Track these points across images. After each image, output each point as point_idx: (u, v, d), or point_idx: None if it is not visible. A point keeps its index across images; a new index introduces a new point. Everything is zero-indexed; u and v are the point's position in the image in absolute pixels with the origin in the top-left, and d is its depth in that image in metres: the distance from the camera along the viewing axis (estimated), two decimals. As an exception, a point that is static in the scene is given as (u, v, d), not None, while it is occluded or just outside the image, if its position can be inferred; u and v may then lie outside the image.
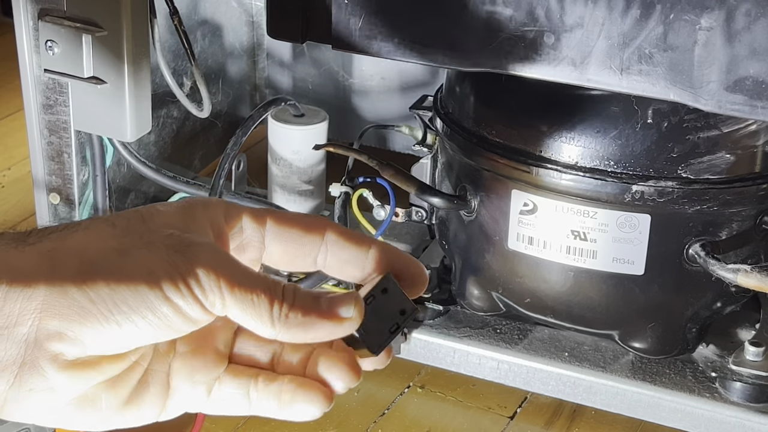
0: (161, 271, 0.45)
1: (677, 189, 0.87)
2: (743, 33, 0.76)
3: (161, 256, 0.46)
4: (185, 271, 0.45)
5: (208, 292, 0.46)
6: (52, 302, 0.45)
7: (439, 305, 1.03)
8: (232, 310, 0.47)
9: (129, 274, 0.45)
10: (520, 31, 0.82)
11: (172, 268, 0.45)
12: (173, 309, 0.45)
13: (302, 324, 0.47)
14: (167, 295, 0.45)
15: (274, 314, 0.47)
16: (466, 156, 0.95)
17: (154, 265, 0.46)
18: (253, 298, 0.47)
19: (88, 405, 0.47)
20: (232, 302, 0.46)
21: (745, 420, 0.92)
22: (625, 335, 0.97)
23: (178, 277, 0.45)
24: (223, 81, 1.30)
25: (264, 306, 0.47)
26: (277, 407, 0.50)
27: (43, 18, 0.97)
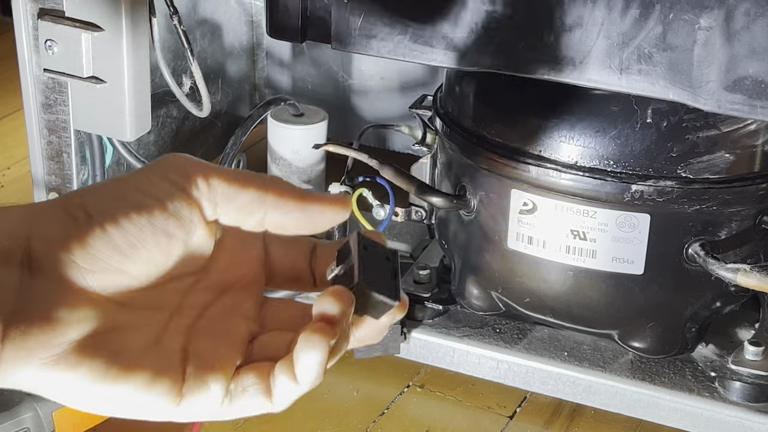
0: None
1: (677, 188, 0.87)
2: (742, 33, 0.76)
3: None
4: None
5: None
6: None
7: (438, 305, 1.03)
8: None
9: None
10: (520, 30, 0.82)
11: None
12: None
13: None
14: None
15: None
16: (466, 155, 0.95)
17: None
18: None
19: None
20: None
21: (745, 420, 0.92)
22: (624, 335, 0.97)
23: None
24: (223, 80, 1.30)
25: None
26: (291, 379, 0.48)
27: (42, 17, 0.97)
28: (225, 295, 0.51)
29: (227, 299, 0.51)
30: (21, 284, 0.46)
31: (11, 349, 0.45)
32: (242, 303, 0.51)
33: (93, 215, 0.47)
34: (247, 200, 0.49)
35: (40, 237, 0.47)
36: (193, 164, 0.49)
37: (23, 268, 0.46)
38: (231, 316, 0.50)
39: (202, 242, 0.50)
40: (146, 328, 0.48)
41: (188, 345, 0.49)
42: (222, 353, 0.49)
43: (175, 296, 0.50)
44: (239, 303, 0.51)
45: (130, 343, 0.47)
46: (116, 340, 0.47)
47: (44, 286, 0.46)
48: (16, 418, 0.90)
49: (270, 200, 0.49)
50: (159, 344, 0.48)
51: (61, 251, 0.46)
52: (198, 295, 0.50)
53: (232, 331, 0.50)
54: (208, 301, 0.50)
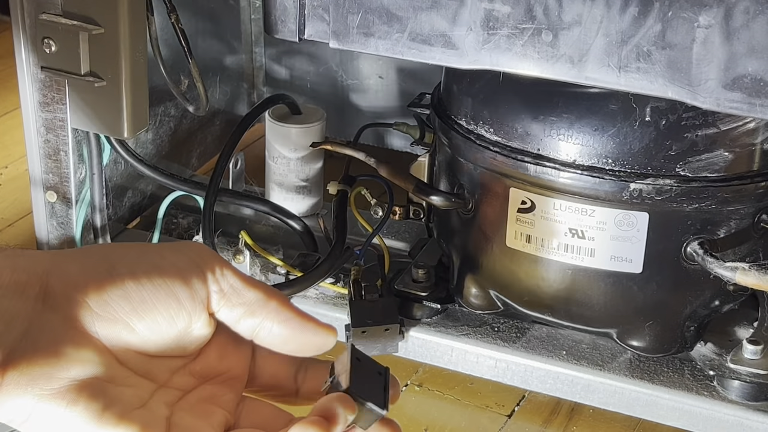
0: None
1: (675, 187, 0.87)
2: (742, 31, 0.75)
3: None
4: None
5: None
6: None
7: (436, 304, 1.03)
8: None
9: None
10: (518, 28, 0.82)
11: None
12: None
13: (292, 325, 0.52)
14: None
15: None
16: (464, 154, 0.95)
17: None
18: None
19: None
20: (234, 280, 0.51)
21: (743, 418, 0.92)
22: (623, 333, 0.97)
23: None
24: (221, 79, 1.30)
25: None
26: None
27: (40, 15, 0.97)
28: (207, 383, 0.52)
29: (208, 388, 0.52)
30: (33, 315, 0.47)
31: (14, 375, 0.46)
32: (222, 395, 0.52)
33: (114, 265, 0.49)
34: (253, 299, 0.51)
35: (58, 275, 0.48)
36: (212, 253, 0.52)
37: (37, 302, 0.47)
38: (209, 403, 0.51)
39: (201, 328, 0.52)
40: (137, 390, 0.50)
41: (172, 417, 0.50)
42: (203, 429, 0.50)
43: (165, 373, 0.51)
44: (219, 394, 0.52)
45: (123, 397, 0.48)
46: (112, 390, 0.48)
47: (55, 320, 0.47)
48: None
49: (272, 306, 0.51)
50: (147, 408, 0.49)
51: (77, 291, 0.48)
52: (184, 378, 0.52)
53: (211, 416, 0.51)
54: (192, 385, 0.52)
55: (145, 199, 1.19)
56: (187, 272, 0.50)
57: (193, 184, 1.10)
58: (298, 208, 1.16)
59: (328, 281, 1.04)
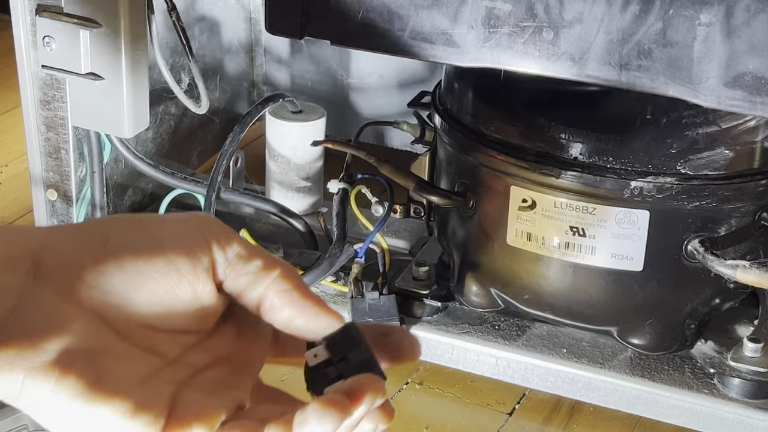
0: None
1: (676, 185, 0.87)
2: (742, 29, 0.75)
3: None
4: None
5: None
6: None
7: (437, 302, 1.03)
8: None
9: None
10: (519, 26, 0.82)
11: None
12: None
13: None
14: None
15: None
16: (465, 152, 0.95)
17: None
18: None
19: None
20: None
21: (744, 416, 0.92)
22: (623, 331, 0.97)
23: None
24: (221, 77, 1.30)
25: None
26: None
27: (40, 14, 0.97)
28: (224, 363, 0.51)
29: (225, 368, 0.51)
30: (23, 290, 0.46)
31: (1, 350, 0.45)
32: (238, 376, 0.51)
33: (109, 237, 0.48)
34: (256, 268, 0.50)
35: (51, 249, 0.47)
36: (218, 223, 0.51)
37: (29, 276, 0.46)
38: (224, 383, 0.50)
39: (209, 299, 0.50)
40: (139, 365, 0.48)
41: (177, 394, 0.48)
42: (209, 406, 0.48)
43: (176, 348, 0.49)
44: (235, 375, 0.51)
45: (119, 371, 0.47)
46: (107, 364, 0.46)
47: (46, 294, 0.46)
48: (15, 414, 0.90)
49: (275, 276, 0.50)
50: (148, 384, 0.48)
51: (69, 265, 0.47)
52: (197, 356, 0.50)
53: (223, 394, 0.49)
54: (206, 363, 0.50)
55: (145, 198, 1.19)
56: (189, 242, 0.49)
57: (194, 182, 1.10)
58: (299, 207, 1.16)
59: (329, 279, 1.05)
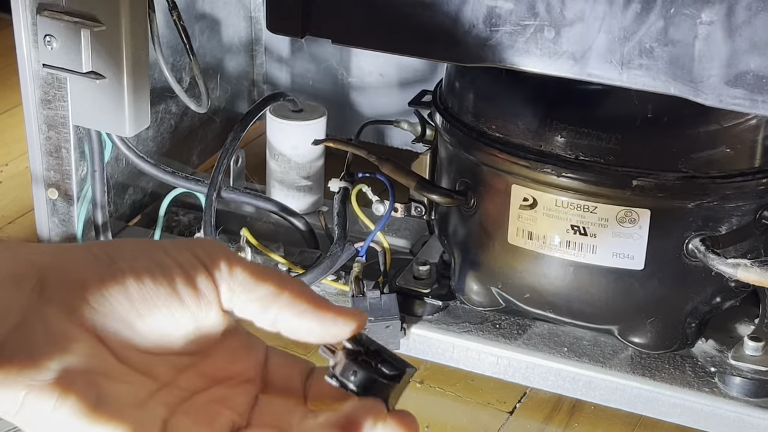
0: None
1: (677, 183, 0.87)
2: (744, 27, 0.75)
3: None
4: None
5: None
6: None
7: (438, 300, 1.03)
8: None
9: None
10: (521, 25, 0.82)
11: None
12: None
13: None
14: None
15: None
16: (466, 151, 0.95)
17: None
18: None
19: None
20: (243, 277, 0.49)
21: (745, 415, 0.92)
22: (624, 330, 0.97)
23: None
24: (222, 76, 1.30)
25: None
26: None
27: (41, 12, 0.97)
28: (218, 386, 0.51)
29: (219, 390, 0.51)
30: (27, 307, 0.46)
31: (3, 366, 0.45)
32: (233, 397, 0.51)
33: (116, 261, 0.48)
34: (264, 294, 0.49)
35: (57, 269, 0.47)
36: (221, 249, 0.50)
37: (33, 294, 0.46)
38: (219, 405, 0.50)
39: (210, 327, 0.50)
40: (135, 388, 0.48)
41: (169, 419, 0.48)
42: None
43: (170, 372, 0.49)
44: (230, 396, 0.51)
45: (116, 394, 0.47)
46: (106, 386, 0.47)
47: (50, 312, 0.46)
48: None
49: (285, 299, 0.50)
50: (143, 408, 0.48)
51: (74, 285, 0.47)
52: (191, 379, 0.50)
53: (216, 419, 0.49)
54: (200, 387, 0.50)
55: (146, 197, 1.19)
56: (193, 270, 0.49)
57: (194, 181, 1.10)
58: (299, 206, 1.16)
59: (330, 278, 1.05)
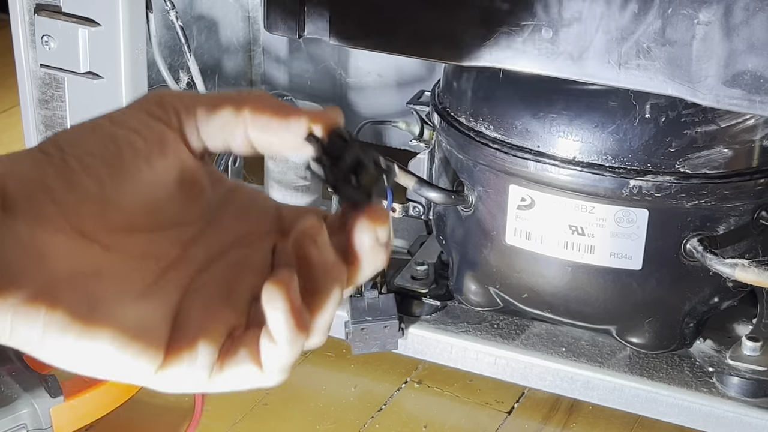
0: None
1: (675, 184, 0.87)
2: (741, 27, 0.75)
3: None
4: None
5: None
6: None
7: (436, 301, 1.03)
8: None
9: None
10: (518, 25, 0.82)
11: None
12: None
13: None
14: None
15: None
16: (464, 151, 0.95)
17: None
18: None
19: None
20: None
21: (743, 415, 0.92)
22: (622, 330, 0.97)
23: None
24: (219, 76, 1.30)
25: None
26: (269, 339, 0.45)
27: (39, 13, 0.97)
28: (233, 248, 0.47)
29: (235, 252, 0.47)
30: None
31: None
32: (251, 255, 0.47)
33: (66, 149, 0.44)
34: (225, 119, 0.47)
35: (13, 176, 0.43)
36: (171, 95, 0.47)
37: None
38: (238, 269, 0.46)
39: (193, 179, 0.47)
40: (134, 277, 0.44)
41: (182, 303, 0.45)
42: (217, 314, 0.45)
43: (175, 247, 0.46)
44: (248, 256, 0.47)
45: (113, 291, 0.43)
46: (98, 286, 0.43)
47: (18, 224, 0.42)
48: (14, 414, 0.90)
49: (248, 116, 0.47)
50: (147, 297, 0.44)
51: (35, 188, 0.43)
52: (201, 249, 0.47)
53: (236, 287, 0.46)
54: (215, 253, 0.47)
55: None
56: (148, 127, 0.45)
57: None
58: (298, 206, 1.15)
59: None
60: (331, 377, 1.05)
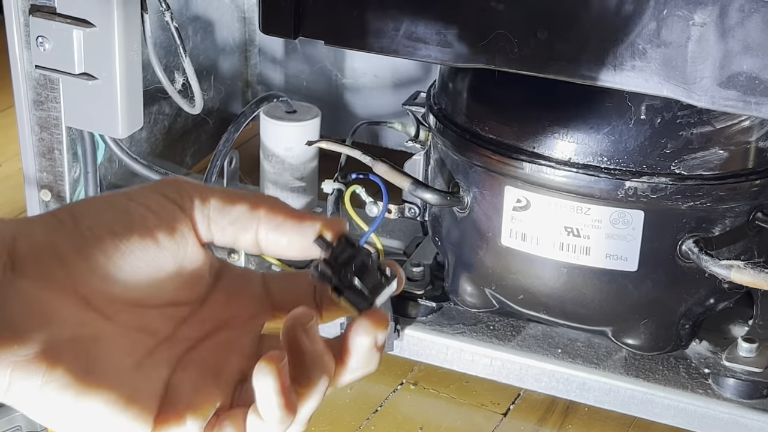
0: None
1: (670, 185, 0.87)
2: (736, 29, 0.75)
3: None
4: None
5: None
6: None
7: (431, 302, 1.03)
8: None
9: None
10: (514, 26, 0.82)
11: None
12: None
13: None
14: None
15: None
16: (459, 152, 0.95)
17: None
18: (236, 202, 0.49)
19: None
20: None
21: (738, 416, 0.92)
22: (618, 331, 0.97)
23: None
24: (215, 77, 1.30)
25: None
26: (256, 417, 0.46)
27: (34, 14, 0.97)
28: (222, 330, 0.49)
29: (223, 334, 0.49)
30: (2, 284, 0.44)
31: None
32: (239, 339, 0.49)
33: (79, 218, 0.46)
34: (239, 214, 0.48)
35: (24, 238, 0.45)
36: (188, 183, 0.49)
37: (6, 270, 0.45)
38: (225, 351, 0.49)
39: (196, 265, 0.48)
40: (130, 348, 0.46)
41: (172, 377, 0.47)
42: (205, 391, 0.47)
43: (169, 324, 0.48)
44: (236, 339, 0.49)
45: (109, 358, 0.45)
46: (97, 351, 0.45)
47: (25, 285, 0.44)
48: (9, 416, 0.90)
49: (262, 215, 0.48)
50: (140, 368, 0.46)
51: (45, 252, 0.45)
52: (193, 327, 0.49)
53: (223, 368, 0.48)
54: (203, 334, 0.49)
55: (139, 198, 1.19)
56: (162, 209, 0.47)
57: (188, 182, 1.10)
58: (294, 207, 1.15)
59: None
60: (326, 379, 1.05)
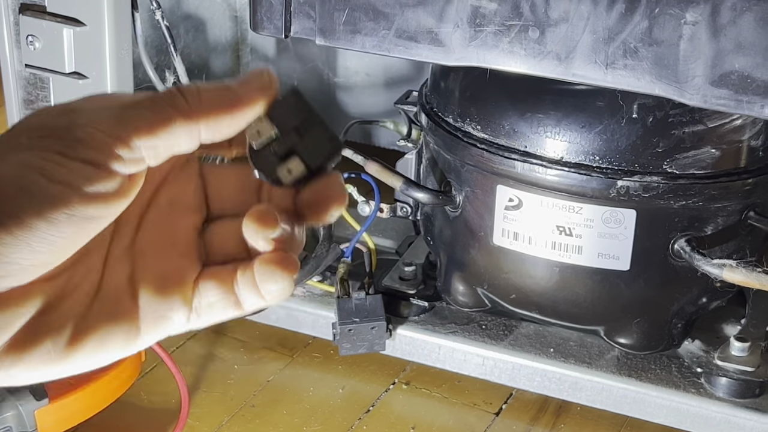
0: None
1: (662, 184, 0.87)
2: (728, 27, 0.75)
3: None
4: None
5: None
6: None
7: (424, 301, 1.02)
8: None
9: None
10: (505, 25, 0.82)
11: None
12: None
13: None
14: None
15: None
16: (451, 151, 0.95)
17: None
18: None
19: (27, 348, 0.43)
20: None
21: (731, 415, 0.92)
22: (610, 331, 0.97)
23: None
24: (207, 76, 1.30)
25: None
26: (258, 296, 0.45)
27: (24, 12, 0.97)
28: (159, 194, 0.46)
29: (162, 198, 0.46)
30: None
31: None
32: (181, 195, 0.46)
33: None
34: (171, 141, 0.43)
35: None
36: (106, 130, 0.42)
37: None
38: (172, 213, 0.46)
39: (132, 191, 0.44)
40: (85, 276, 0.44)
41: (135, 271, 0.45)
42: (174, 268, 0.45)
43: (106, 229, 0.44)
44: (178, 195, 0.46)
45: (71, 304, 0.44)
46: (58, 310, 0.43)
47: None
48: (-2, 416, 0.90)
49: (202, 129, 0.43)
50: (102, 289, 0.44)
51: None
52: (130, 212, 0.45)
53: (178, 232, 0.45)
54: (143, 209, 0.46)
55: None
56: (87, 181, 0.41)
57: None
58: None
59: (315, 279, 1.04)
60: (318, 378, 1.05)
